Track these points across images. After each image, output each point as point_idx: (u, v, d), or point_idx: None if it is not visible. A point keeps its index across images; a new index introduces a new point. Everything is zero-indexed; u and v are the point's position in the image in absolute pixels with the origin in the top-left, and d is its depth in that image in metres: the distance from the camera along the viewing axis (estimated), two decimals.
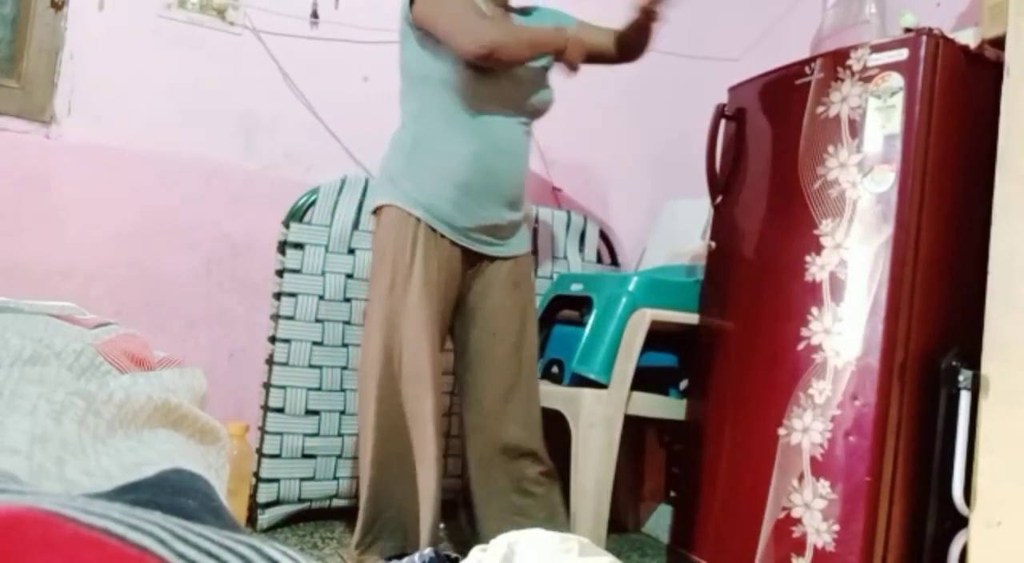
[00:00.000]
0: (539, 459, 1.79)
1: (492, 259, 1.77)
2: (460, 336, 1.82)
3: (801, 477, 1.52)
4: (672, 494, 2.09)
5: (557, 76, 1.81)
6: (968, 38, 1.64)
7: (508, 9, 1.80)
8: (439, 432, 1.67)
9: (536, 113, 1.78)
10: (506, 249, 1.78)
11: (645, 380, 1.94)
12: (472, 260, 1.75)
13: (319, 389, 2.05)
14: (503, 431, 1.76)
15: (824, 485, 1.48)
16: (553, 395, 1.93)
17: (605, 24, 1.87)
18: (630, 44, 1.84)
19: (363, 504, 1.69)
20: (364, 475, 1.69)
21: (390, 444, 1.67)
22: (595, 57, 1.81)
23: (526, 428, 1.78)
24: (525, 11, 1.85)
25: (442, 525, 1.99)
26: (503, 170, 1.70)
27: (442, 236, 1.67)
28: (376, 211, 1.75)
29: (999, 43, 1.45)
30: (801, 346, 1.57)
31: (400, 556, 1.65)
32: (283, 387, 2.02)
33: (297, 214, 2.06)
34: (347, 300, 2.09)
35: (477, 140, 1.66)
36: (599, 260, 2.57)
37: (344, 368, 2.08)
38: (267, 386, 2.04)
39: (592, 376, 1.87)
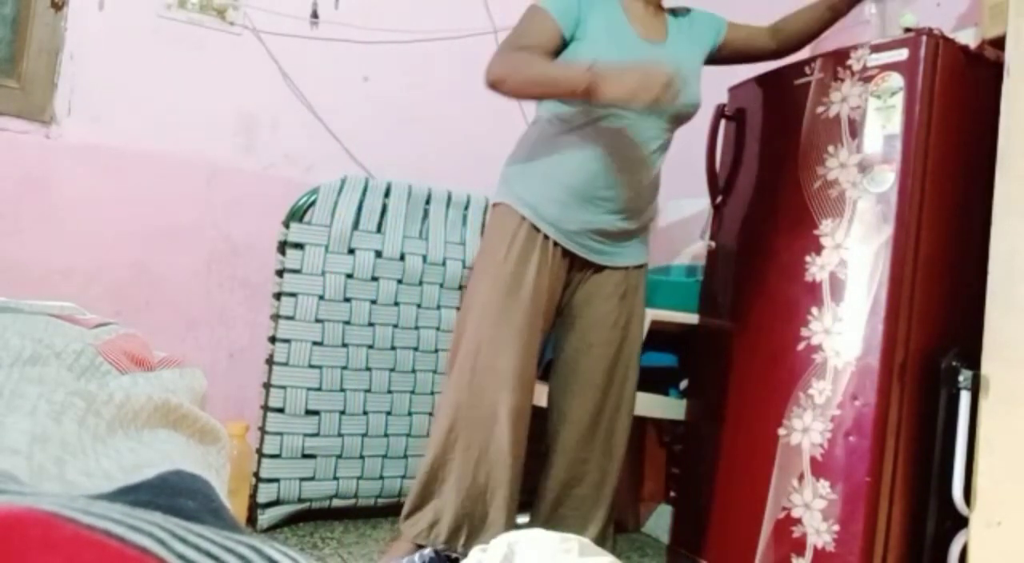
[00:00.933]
0: (611, 484, 1.76)
1: (601, 268, 1.72)
2: (557, 343, 1.78)
3: (801, 477, 1.52)
4: (672, 494, 2.09)
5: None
6: (968, 38, 1.64)
7: (660, 8, 1.73)
8: (517, 434, 1.64)
9: (679, 117, 1.69)
10: (616, 259, 1.73)
11: (645, 380, 1.94)
12: (579, 266, 1.71)
13: (319, 389, 2.05)
14: (588, 449, 1.74)
15: (824, 485, 1.48)
16: None
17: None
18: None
19: (415, 482, 1.71)
20: (426, 456, 1.70)
21: (459, 435, 1.65)
22: (737, 56, 1.75)
23: (603, 456, 1.75)
24: (676, 11, 1.79)
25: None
26: (621, 177, 1.63)
27: (545, 237, 1.64)
28: (492, 207, 1.76)
29: (999, 43, 1.45)
30: (801, 346, 1.57)
31: (426, 549, 1.66)
32: (283, 387, 2.02)
33: (297, 214, 2.06)
34: (347, 300, 2.09)
35: (596, 145, 1.61)
36: None
37: (344, 368, 2.08)
38: (267, 386, 2.04)
39: None
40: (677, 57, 1.66)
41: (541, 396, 1.97)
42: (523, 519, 2.06)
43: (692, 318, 1.94)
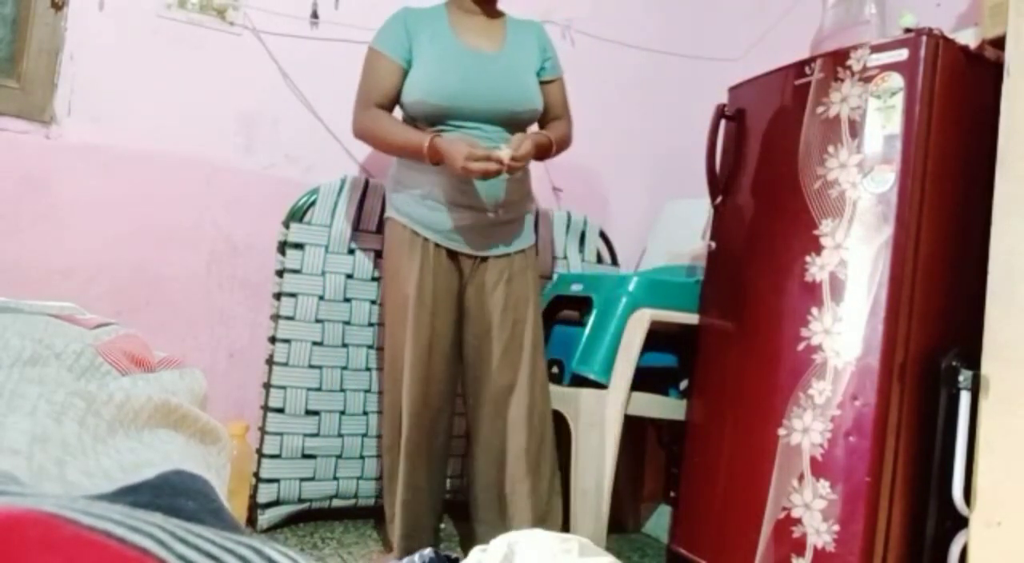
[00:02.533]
0: (533, 461, 1.78)
1: (485, 258, 1.80)
2: (464, 336, 1.83)
3: (801, 477, 1.52)
4: (672, 494, 2.09)
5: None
6: (968, 38, 1.64)
7: (493, 17, 1.84)
8: (423, 429, 1.74)
9: (514, 119, 1.75)
10: (498, 248, 1.81)
11: (645, 380, 1.94)
12: (466, 260, 1.79)
13: (319, 389, 2.05)
14: (499, 434, 1.78)
15: (824, 485, 1.48)
16: (553, 395, 1.93)
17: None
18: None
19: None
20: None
21: (391, 436, 1.79)
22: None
23: (525, 430, 1.78)
24: (522, 24, 1.89)
25: (442, 525, 1.99)
26: (476, 181, 1.70)
27: (426, 240, 1.74)
28: (386, 222, 1.86)
29: (999, 43, 1.45)
30: (801, 346, 1.57)
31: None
32: (283, 387, 2.02)
33: (297, 214, 2.06)
34: (347, 300, 2.09)
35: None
36: (599, 260, 2.57)
37: (344, 368, 2.08)
38: (267, 386, 2.04)
39: (592, 376, 1.87)
40: (510, 63, 1.79)
41: None
42: None
43: (692, 318, 1.94)
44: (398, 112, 1.81)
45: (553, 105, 1.89)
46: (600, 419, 1.85)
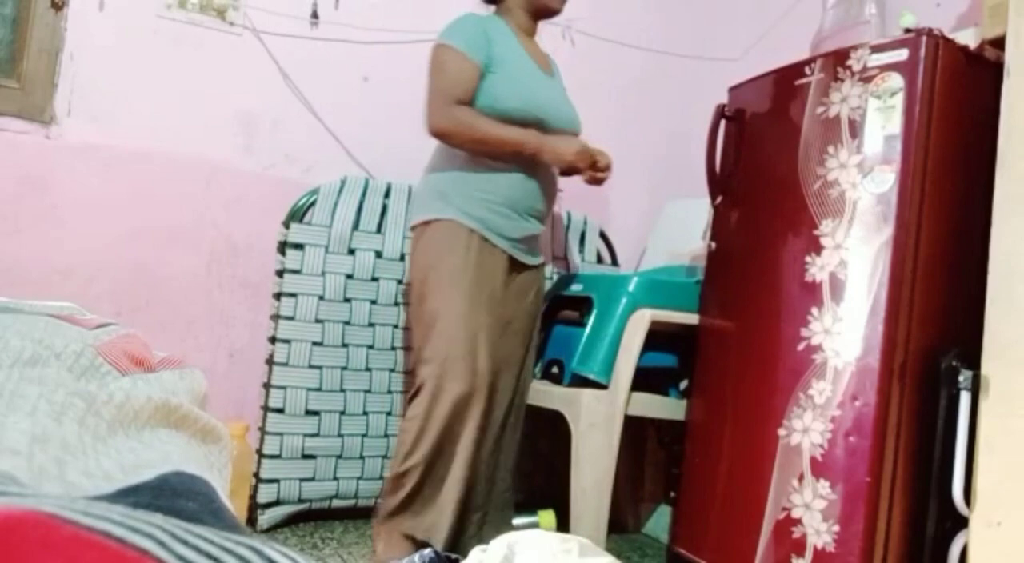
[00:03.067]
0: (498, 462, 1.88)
1: (524, 267, 1.90)
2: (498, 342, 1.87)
3: (801, 477, 1.52)
4: (672, 494, 2.09)
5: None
6: (968, 38, 1.64)
7: (532, 35, 1.93)
8: (479, 435, 1.73)
9: (566, 134, 1.88)
10: (535, 257, 1.94)
11: (645, 380, 1.94)
12: (516, 268, 1.87)
13: (319, 389, 2.05)
14: (515, 441, 1.92)
15: (824, 485, 1.48)
16: (553, 395, 1.93)
17: None
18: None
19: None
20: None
21: (438, 435, 1.72)
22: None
23: (512, 430, 1.91)
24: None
25: None
26: (541, 188, 1.84)
27: (493, 245, 1.79)
28: (423, 224, 1.80)
29: (999, 43, 1.45)
30: (801, 346, 1.57)
31: (415, 541, 1.70)
32: (283, 387, 2.02)
33: (297, 214, 2.06)
34: (347, 300, 2.09)
35: (523, 165, 1.79)
36: (599, 260, 2.57)
37: (344, 368, 2.08)
38: (267, 386, 2.04)
39: (592, 376, 1.87)
40: (561, 85, 1.98)
41: (538, 396, 1.98)
42: (523, 519, 2.06)
43: (692, 318, 1.94)
44: None
45: None
46: (600, 419, 1.85)
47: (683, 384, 2.07)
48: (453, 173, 1.80)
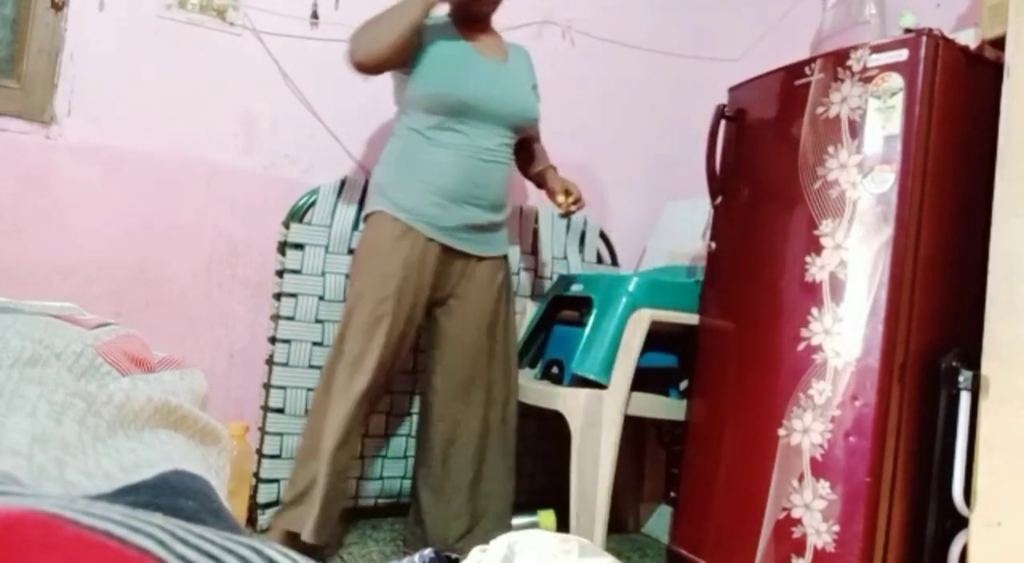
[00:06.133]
0: (485, 460, 1.87)
1: (479, 259, 1.86)
2: (441, 327, 1.88)
3: (801, 478, 1.52)
4: (672, 494, 2.09)
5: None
6: (968, 38, 1.64)
7: (488, 30, 1.91)
8: (356, 423, 1.75)
9: (517, 127, 1.87)
10: (488, 248, 1.88)
11: (645, 380, 1.94)
12: (457, 258, 1.83)
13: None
14: (455, 425, 1.86)
15: (824, 486, 1.48)
16: (553, 395, 1.93)
17: None
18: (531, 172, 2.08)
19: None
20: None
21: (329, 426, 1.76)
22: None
23: (481, 425, 1.87)
24: (513, 47, 1.98)
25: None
26: (484, 177, 1.80)
27: (427, 237, 1.77)
28: (365, 219, 1.86)
29: (999, 43, 1.45)
30: (801, 347, 1.57)
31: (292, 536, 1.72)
32: (283, 387, 2.02)
33: (297, 215, 2.06)
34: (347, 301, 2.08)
35: (456, 152, 1.77)
36: (599, 260, 2.57)
37: None
38: (267, 386, 2.04)
39: (592, 377, 1.87)
40: (517, 74, 1.91)
41: (538, 396, 1.98)
42: (522, 519, 2.06)
43: (692, 318, 1.94)
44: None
45: (535, 128, 2.03)
46: (600, 419, 1.85)
47: (683, 384, 2.07)
48: (389, 166, 1.83)
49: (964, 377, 1.37)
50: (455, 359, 1.86)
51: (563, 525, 1.94)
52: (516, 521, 2.01)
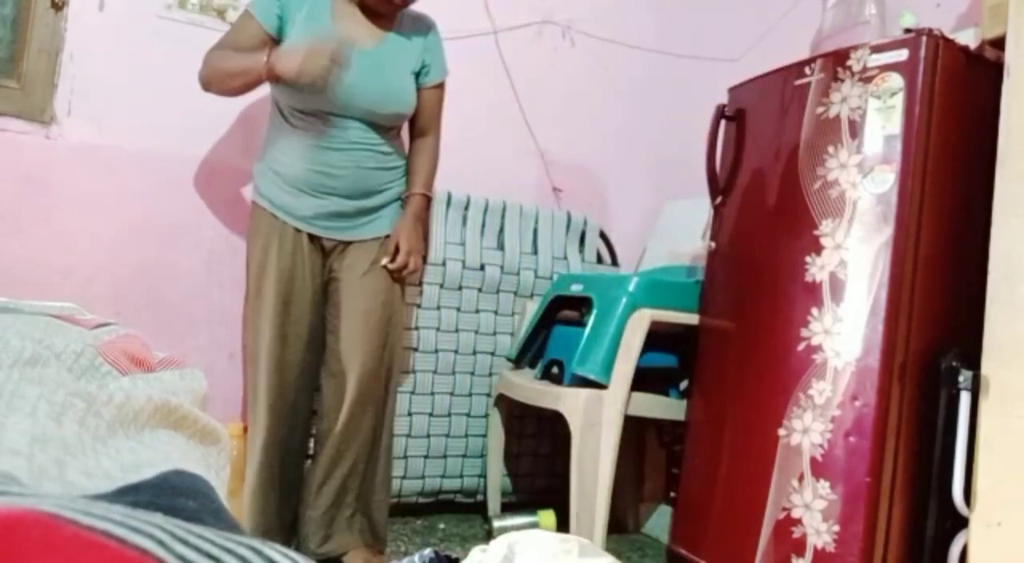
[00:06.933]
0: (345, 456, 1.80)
1: (350, 243, 1.80)
2: (328, 319, 1.83)
3: (801, 478, 1.52)
4: (672, 494, 2.09)
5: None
6: (968, 38, 1.64)
7: (383, 17, 1.79)
8: (276, 415, 1.75)
9: (374, 119, 1.74)
10: (363, 232, 1.81)
11: (645, 380, 1.94)
12: (330, 246, 1.79)
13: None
14: (362, 422, 1.81)
15: (824, 486, 1.48)
16: (553, 395, 1.93)
17: None
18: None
19: None
20: None
21: (252, 428, 1.79)
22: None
23: (377, 416, 1.83)
24: (420, 29, 1.86)
25: (442, 525, 1.98)
26: (338, 165, 1.72)
27: (284, 224, 1.74)
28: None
29: (999, 43, 1.45)
30: (801, 347, 1.57)
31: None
32: None
33: None
34: None
35: (308, 141, 1.71)
36: (599, 260, 2.57)
37: None
38: None
39: (592, 376, 1.87)
40: (382, 62, 1.75)
41: (538, 396, 1.98)
42: (523, 519, 2.06)
43: (692, 318, 1.94)
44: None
45: (424, 114, 1.87)
46: (600, 419, 1.85)
47: (683, 384, 2.07)
48: (260, 158, 1.81)
49: (964, 377, 1.37)
50: (350, 364, 1.79)
51: (563, 525, 1.93)
52: (516, 521, 2.01)
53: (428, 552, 1.54)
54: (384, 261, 1.80)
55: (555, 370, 2.00)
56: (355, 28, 1.75)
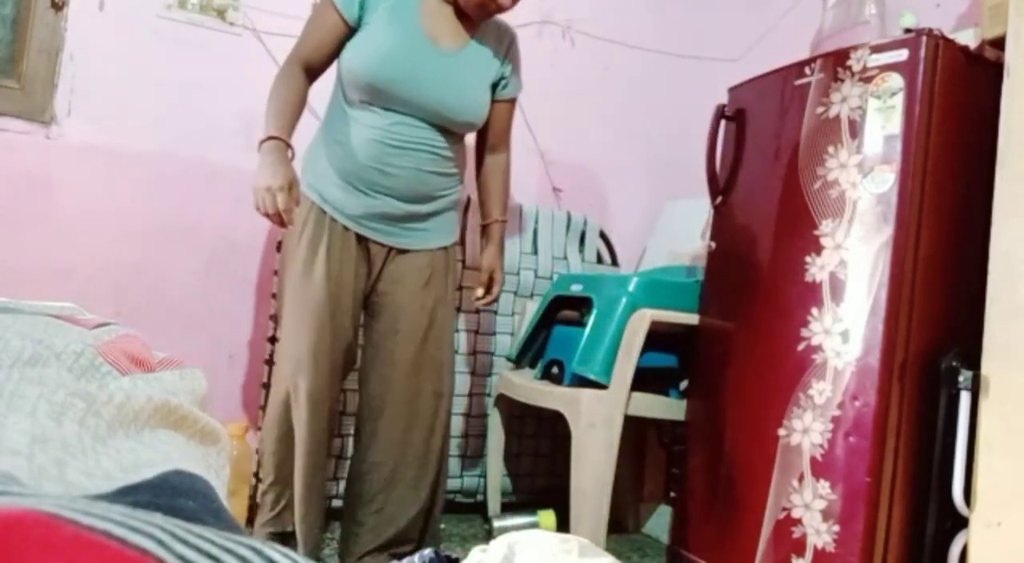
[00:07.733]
0: (418, 486, 1.72)
1: (404, 251, 1.71)
2: (366, 330, 1.77)
3: (801, 478, 1.52)
4: (672, 494, 2.09)
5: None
6: (968, 38, 1.64)
7: (464, 16, 1.68)
8: (318, 417, 1.64)
9: (446, 124, 1.67)
10: (415, 241, 1.72)
11: (645, 380, 1.94)
12: (380, 250, 1.70)
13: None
14: (396, 444, 1.71)
15: (824, 486, 1.48)
16: (553, 395, 1.93)
17: None
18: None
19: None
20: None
21: (283, 425, 1.69)
22: None
23: (423, 444, 1.72)
24: (502, 36, 1.77)
25: (442, 525, 1.98)
26: (397, 164, 1.62)
27: (334, 220, 1.65)
28: None
29: (999, 43, 1.45)
30: (801, 346, 1.57)
31: (282, 536, 1.70)
32: None
33: None
34: None
35: (367, 134, 1.62)
36: (599, 260, 2.57)
37: None
38: (267, 386, 2.03)
39: (592, 376, 1.87)
40: (463, 67, 1.68)
41: (538, 396, 1.98)
42: (523, 519, 2.06)
43: (692, 318, 1.94)
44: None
45: (495, 128, 1.81)
46: (600, 419, 1.85)
47: (683, 384, 2.07)
48: (312, 147, 1.73)
49: (964, 377, 1.37)
50: (387, 380, 1.71)
51: (563, 525, 1.94)
52: (516, 521, 2.01)
53: (428, 552, 1.54)
54: (479, 292, 1.80)
55: (555, 370, 2.00)
56: (442, 26, 1.67)
